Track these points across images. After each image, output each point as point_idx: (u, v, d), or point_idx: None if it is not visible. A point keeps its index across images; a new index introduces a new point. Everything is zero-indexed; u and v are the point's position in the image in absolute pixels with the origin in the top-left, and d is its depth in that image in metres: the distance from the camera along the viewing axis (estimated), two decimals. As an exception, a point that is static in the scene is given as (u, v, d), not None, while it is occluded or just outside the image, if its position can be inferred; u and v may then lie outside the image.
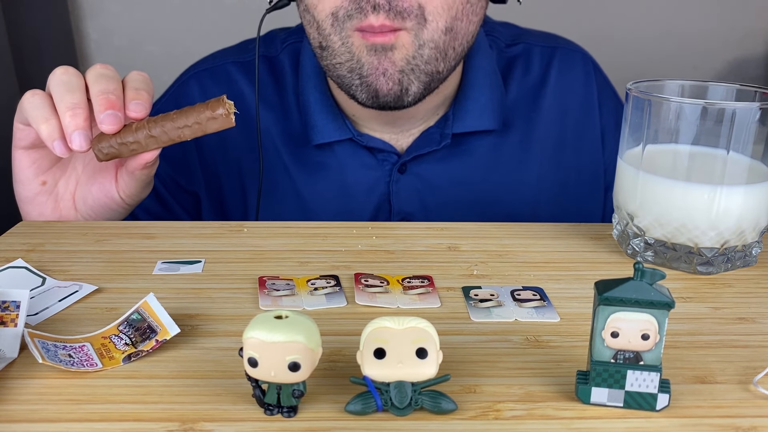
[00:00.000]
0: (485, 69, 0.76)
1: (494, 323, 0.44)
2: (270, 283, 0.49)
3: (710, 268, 0.51)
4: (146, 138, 0.56)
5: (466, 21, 0.66)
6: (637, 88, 0.52)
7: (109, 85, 0.57)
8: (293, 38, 0.79)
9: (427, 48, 0.64)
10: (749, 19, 1.74)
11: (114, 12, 1.64)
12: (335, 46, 0.65)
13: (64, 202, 0.64)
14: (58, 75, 0.57)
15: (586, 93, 0.80)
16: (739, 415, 0.36)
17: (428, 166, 0.75)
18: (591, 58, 0.83)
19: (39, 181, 0.63)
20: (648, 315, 0.34)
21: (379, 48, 0.64)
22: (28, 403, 0.36)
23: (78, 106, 0.55)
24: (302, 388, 0.34)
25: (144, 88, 0.58)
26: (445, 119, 0.75)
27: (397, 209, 0.75)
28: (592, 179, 0.80)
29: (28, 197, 0.63)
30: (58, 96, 0.56)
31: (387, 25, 0.62)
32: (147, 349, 0.40)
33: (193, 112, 0.55)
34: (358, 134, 0.74)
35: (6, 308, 0.41)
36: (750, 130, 0.49)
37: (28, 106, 0.57)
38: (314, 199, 0.76)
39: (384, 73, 0.65)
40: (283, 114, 0.77)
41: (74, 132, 0.55)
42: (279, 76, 0.78)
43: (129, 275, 0.50)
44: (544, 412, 0.36)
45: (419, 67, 0.65)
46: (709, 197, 0.50)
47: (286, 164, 0.76)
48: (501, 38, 0.81)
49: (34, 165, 0.62)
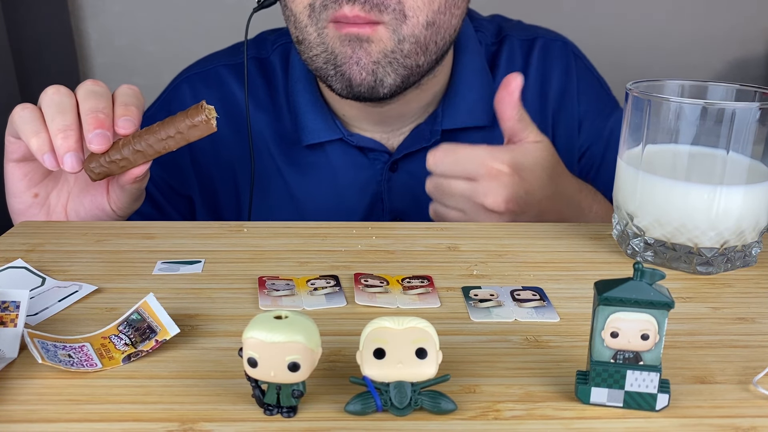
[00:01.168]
0: (475, 65, 0.76)
1: (494, 323, 0.44)
2: (270, 283, 0.49)
3: (710, 268, 0.51)
4: (133, 154, 0.57)
5: (448, 14, 0.66)
6: (637, 88, 0.52)
7: (98, 102, 0.57)
8: (283, 39, 0.80)
9: (407, 43, 0.64)
10: (749, 19, 1.74)
11: (114, 12, 1.64)
12: (311, 38, 0.65)
13: (56, 214, 0.64)
14: (50, 95, 0.58)
15: (565, 81, 0.81)
16: (739, 415, 0.35)
17: (419, 163, 0.74)
18: (572, 46, 0.83)
19: (31, 194, 0.63)
20: (648, 315, 0.34)
21: (353, 38, 0.63)
22: (27, 403, 0.36)
23: (69, 128, 0.56)
24: (302, 388, 0.34)
25: (133, 103, 0.59)
26: (434, 116, 0.75)
27: (389, 208, 0.75)
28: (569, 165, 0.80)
29: (20, 209, 0.63)
30: (49, 117, 0.56)
31: (361, 16, 0.62)
32: (147, 349, 0.40)
33: (173, 122, 0.56)
34: (348, 134, 0.74)
35: (6, 308, 0.41)
36: (750, 130, 0.49)
37: (18, 120, 0.57)
38: (307, 200, 0.76)
39: (357, 63, 0.64)
40: (274, 115, 0.77)
41: (66, 154, 0.55)
42: (270, 77, 0.78)
43: (129, 275, 0.50)
44: (544, 412, 0.36)
45: (398, 61, 0.65)
46: (708, 197, 0.50)
47: (279, 165, 0.76)
48: (487, 34, 0.81)
49: (26, 178, 0.62)
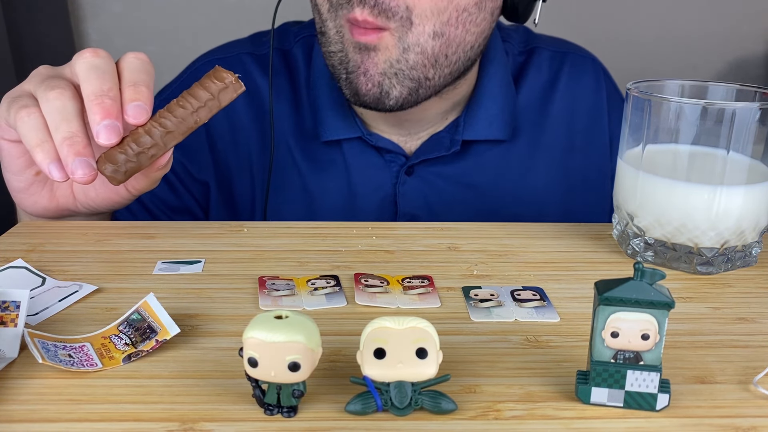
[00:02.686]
0: (499, 77, 0.75)
1: (494, 323, 0.44)
2: (270, 283, 0.49)
3: (710, 268, 0.51)
4: (163, 136, 0.49)
5: (462, 29, 0.64)
6: (637, 88, 0.52)
7: (103, 82, 0.50)
8: (306, 32, 0.79)
9: (412, 52, 0.63)
10: (749, 19, 1.74)
11: (114, 12, 1.64)
12: (330, 33, 0.65)
13: (61, 191, 0.59)
14: (51, 100, 0.50)
15: (595, 99, 0.80)
16: (739, 415, 0.35)
17: (435, 169, 0.74)
18: (601, 64, 0.82)
19: (32, 172, 0.58)
20: (648, 315, 0.34)
21: (363, 47, 0.63)
22: (28, 403, 0.36)
23: (76, 134, 0.50)
24: (302, 388, 0.34)
25: (143, 81, 0.51)
26: (455, 125, 0.74)
27: (402, 211, 0.74)
28: (599, 186, 0.79)
29: (20, 187, 0.59)
30: (53, 125, 0.50)
31: (370, 21, 0.62)
32: (147, 349, 0.40)
33: (200, 90, 0.50)
34: (367, 133, 0.73)
35: (6, 308, 0.41)
36: (750, 130, 0.49)
37: (20, 125, 0.51)
38: (321, 196, 0.75)
39: (365, 73, 0.64)
40: (295, 108, 0.77)
41: (74, 161, 0.49)
42: (292, 69, 0.78)
43: (129, 275, 0.50)
44: (544, 412, 0.36)
45: (403, 72, 0.64)
46: (709, 197, 0.50)
47: (296, 159, 0.76)
48: (514, 44, 0.80)
49: (24, 156, 0.57)
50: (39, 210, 0.60)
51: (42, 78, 0.53)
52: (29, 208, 0.60)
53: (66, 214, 0.62)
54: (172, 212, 0.78)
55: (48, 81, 0.52)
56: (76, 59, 0.52)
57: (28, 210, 0.61)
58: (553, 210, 0.77)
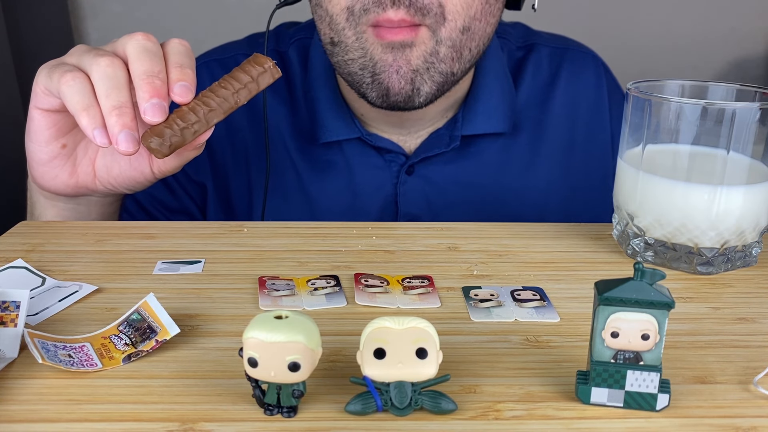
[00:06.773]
0: (496, 71, 0.75)
1: (494, 323, 0.44)
2: (270, 283, 0.49)
3: (710, 268, 0.51)
4: (206, 114, 0.52)
5: (484, 22, 0.65)
6: (637, 88, 0.52)
7: (154, 65, 0.52)
8: (302, 34, 0.79)
9: (444, 46, 0.64)
10: (749, 19, 1.74)
11: (114, 12, 1.64)
12: (349, 41, 0.64)
13: (82, 167, 0.59)
14: (103, 66, 0.52)
15: (596, 96, 0.80)
16: (739, 415, 0.35)
17: (436, 168, 0.74)
18: (602, 60, 0.82)
19: (59, 144, 0.58)
20: (648, 315, 0.34)
21: (396, 45, 0.63)
22: (28, 403, 0.36)
23: (125, 104, 0.51)
24: (302, 388, 0.34)
25: (188, 64, 0.53)
26: (454, 121, 0.74)
27: (403, 211, 0.74)
28: (601, 183, 0.79)
29: (43, 159, 0.58)
30: (102, 92, 0.51)
31: (407, 20, 0.62)
32: (147, 349, 0.40)
33: (240, 73, 0.53)
34: (366, 133, 0.73)
35: (6, 308, 0.41)
36: (750, 130, 0.49)
37: (66, 89, 0.52)
38: (321, 198, 0.75)
39: (398, 71, 0.64)
40: (292, 110, 0.76)
41: (120, 133, 0.50)
42: (288, 71, 0.78)
43: (129, 275, 0.50)
44: (544, 412, 0.36)
45: (434, 66, 0.64)
46: (709, 197, 0.50)
47: (294, 161, 0.76)
48: (512, 40, 0.80)
49: (55, 127, 0.57)
50: (58, 185, 0.60)
51: (85, 50, 0.55)
52: (48, 183, 0.60)
53: (82, 192, 0.61)
54: (170, 213, 0.78)
55: (96, 51, 0.53)
56: (128, 40, 0.54)
57: (45, 185, 0.60)
58: (554, 207, 0.77)
